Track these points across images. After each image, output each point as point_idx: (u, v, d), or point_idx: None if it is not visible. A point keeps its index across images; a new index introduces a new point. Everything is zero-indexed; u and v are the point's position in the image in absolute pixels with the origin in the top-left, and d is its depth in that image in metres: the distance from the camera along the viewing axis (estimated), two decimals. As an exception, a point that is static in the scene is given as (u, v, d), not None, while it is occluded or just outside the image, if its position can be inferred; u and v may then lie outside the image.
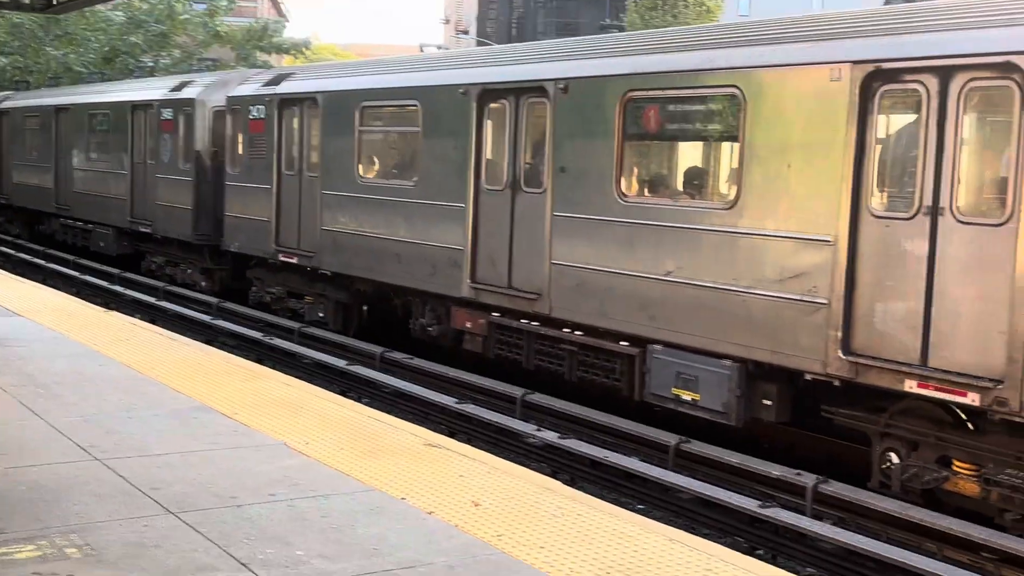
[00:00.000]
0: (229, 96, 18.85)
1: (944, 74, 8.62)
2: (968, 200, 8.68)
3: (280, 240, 17.16)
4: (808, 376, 9.65)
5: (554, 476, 10.19)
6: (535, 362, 12.75)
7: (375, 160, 15.84)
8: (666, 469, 10.54)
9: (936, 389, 8.64)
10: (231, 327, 17.81)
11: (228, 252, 19.21)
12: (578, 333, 12.05)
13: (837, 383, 9.42)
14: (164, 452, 7.96)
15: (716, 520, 9.87)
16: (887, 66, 8.97)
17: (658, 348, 10.99)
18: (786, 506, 9.48)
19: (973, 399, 8.38)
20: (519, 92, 12.72)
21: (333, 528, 6.47)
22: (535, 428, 11.90)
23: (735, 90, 10.21)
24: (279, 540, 6.22)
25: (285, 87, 17.26)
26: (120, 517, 6.49)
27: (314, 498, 7.03)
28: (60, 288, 21.18)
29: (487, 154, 13.33)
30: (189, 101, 20.30)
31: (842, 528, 9.02)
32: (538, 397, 12.66)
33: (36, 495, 6.82)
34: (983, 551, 8.46)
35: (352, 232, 15.48)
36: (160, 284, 21.47)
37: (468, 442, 11.17)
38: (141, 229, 22.12)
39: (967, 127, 8.66)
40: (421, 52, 24.22)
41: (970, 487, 8.80)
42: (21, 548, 5.87)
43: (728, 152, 10.85)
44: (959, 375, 8.47)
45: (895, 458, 9.33)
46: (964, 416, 8.99)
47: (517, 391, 12.82)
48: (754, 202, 10.02)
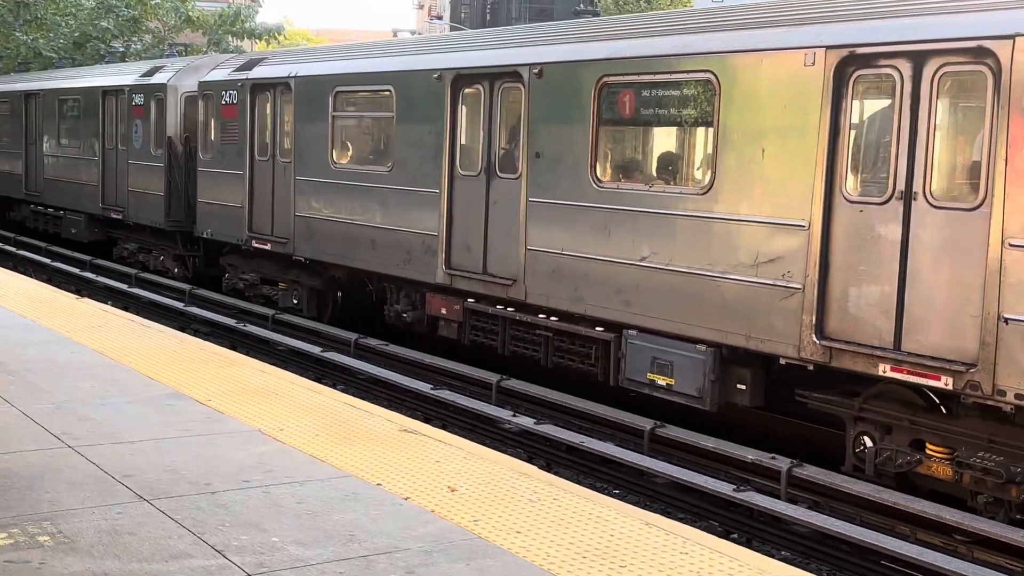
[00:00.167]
0: (201, 81, 18.71)
1: (918, 59, 8.65)
2: (941, 185, 8.72)
3: (253, 226, 17.06)
4: (782, 361, 9.69)
5: (530, 462, 10.19)
6: (510, 348, 12.75)
7: (349, 146, 15.76)
8: (641, 454, 10.58)
9: (909, 373, 8.69)
10: (204, 314, 17.72)
11: (201, 238, 19.10)
12: (553, 319, 12.05)
13: (811, 367, 9.47)
14: (137, 439, 7.91)
15: (691, 504, 9.92)
16: (861, 51, 8.99)
17: (633, 333, 11.00)
18: (761, 490, 9.53)
19: (946, 383, 8.44)
20: (494, 77, 12.68)
21: (308, 514, 6.44)
22: (511, 414, 11.90)
23: (710, 75, 10.21)
24: (254, 526, 6.19)
25: (257, 72, 17.14)
26: (93, 504, 6.44)
27: (289, 484, 7.00)
28: (31, 275, 21.01)
29: (462, 139, 13.29)
30: (161, 86, 20.15)
31: (816, 512, 9.08)
32: (514, 383, 12.66)
33: (8, 483, 6.75)
34: (956, 533, 8.54)
35: (326, 218, 15.41)
36: (132, 271, 21.33)
37: (443, 428, 11.16)
38: (113, 216, 21.94)
39: (940, 112, 8.69)
40: (395, 37, 24.11)
41: (943, 470, 8.87)
42: (-7, 536, 5.82)
43: (703, 137, 10.86)
44: (932, 359, 8.52)
45: (869, 442, 9.39)
46: (937, 400, 9.06)
47: (492, 377, 12.82)
48: (729, 187, 10.04)
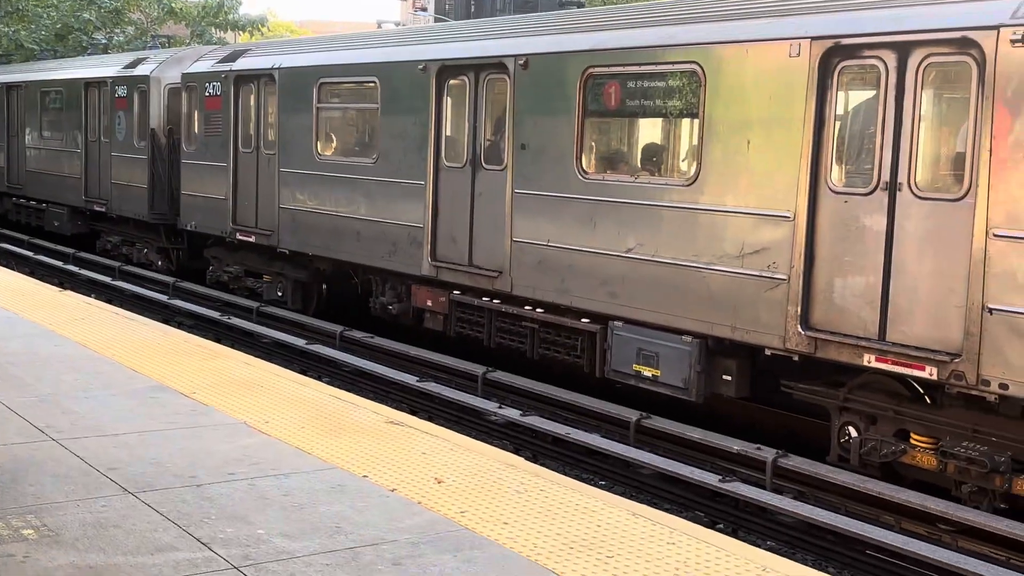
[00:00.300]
0: (184, 73, 18.62)
1: (902, 50, 8.66)
2: (926, 176, 8.74)
3: (237, 219, 17.00)
4: (768, 351, 9.70)
5: (516, 453, 10.20)
6: (496, 340, 12.73)
7: (333, 137, 15.71)
8: (627, 445, 10.59)
9: (894, 363, 8.72)
10: (188, 307, 17.66)
11: (185, 231, 19.02)
12: (539, 310, 12.04)
13: (796, 358, 9.48)
14: (122, 432, 7.87)
15: (677, 495, 9.93)
16: (846, 42, 8.99)
17: (619, 325, 11.00)
18: (746, 480, 9.56)
19: (931, 373, 8.46)
20: (479, 68, 12.65)
21: (295, 506, 6.43)
22: (497, 406, 11.90)
23: (695, 66, 10.20)
24: (240, 519, 6.18)
25: (241, 64, 17.06)
26: (78, 498, 6.41)
27: (275, 477, 6.99)
28: (14, 268, 20.90)
29: (447, 131, 13.26)
30: (144, 78, 20.04)
31: (801, 502, 9.11)
32: (500, 375, 12.65)
33: (-9, 476, 6.73)
34: (940, 523, 8.58)
35: (311, 210, 15.36)
36: (116, 264, 21.23)
37: (430, 420, 11.14)
38: (96, 208, 21.83)
39: (925, 103, 8.70)
40: (379, 29, 24.02)
41: (927, 460, 8.90)
42: (-24, 530, 5.78)
43: (688, 128, 10.85)
44: (917, 349, 8.55)
45: (854, 432, 9.42)
46: (921, 390, 9.08)
47: (478, 369, 12.81)
48: (714, 178, 10.04)
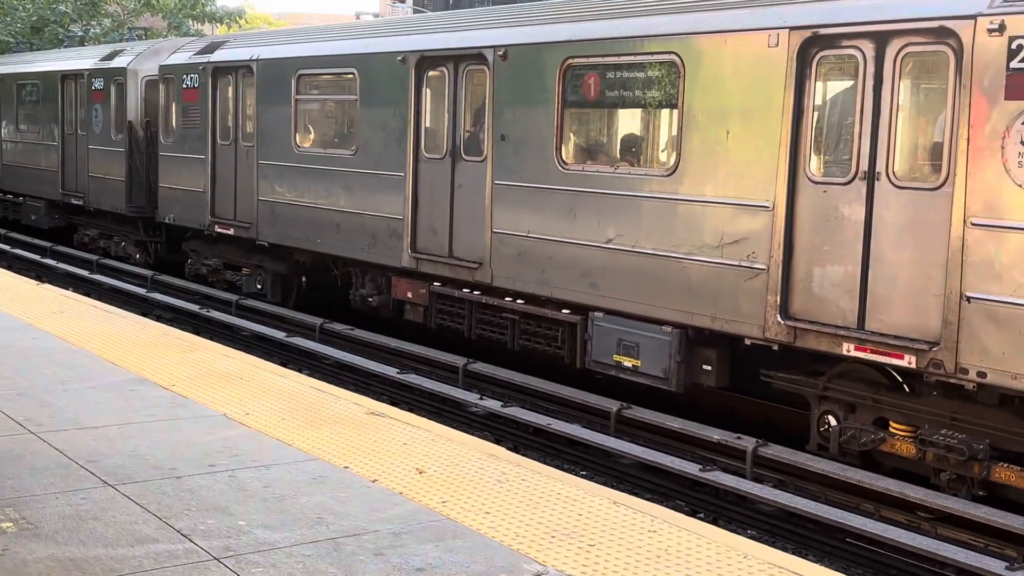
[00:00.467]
0: (162, 65, 18.51)
1: (880, 39, 8.69)
2: (904, 165, 8.78)
3: (216, 211, 16.92)
4: (748, 341, 9.73)
5: (497, 444, 10.20)
6: (477, 331, 12.73)
7: (312, 129, 15.65)
8: (608, 435, 10.61)
9: (873, 352, 8.76)
10: (167, 300, 17.57)
11: (163, 224, 18.93)
12: (520, 302, 12.04)
13: (776, 348, 9.52)
14: (101, 425, 7.84)
15: (658, 484, 9.96)
16: (824, 31, 9.02)
17: (599, 316, 11.02)
18: (727, 469, 9.59)
19: (909, 361, 8.51)
20: (458, 59, 12.63)
21: (275, 498, 6.41)
22: (478, 397, 11.91)
23: (674, 56, 10.21)
24: (220, 511, 6.16)
25: (219, 55, 16.97)
26: (57, 490, 6.38)
27: (255, 468, 6.97)
28: (-10, 262, 20.75)
29: (426, 122, 13.23)
30: (120, 70, 19.91)
31: (781, 490, 9.15)
32: (480, 366, 12.65)
33: (-31, 470, 6.68)
34: (919, 510, 8.63)
35: (290, 202, 15.31)
36: (94, 257, 21.11)
37: (411, 412, 11.13)
38: (73, 201, 21.69)
39: (903, 92, 8.74)
40: (357, 20, 23.93)
41: (906, 448, 8.95)
42: (-46, 523, 5.75)
43: (667, 119, 10.86)
44: (895, 338, 8.59)
45: (833, 421, 9.46)
46: (900, 378, 9.14)
47: (459, 360, 12.81)
48: (693, 169, 10.06)
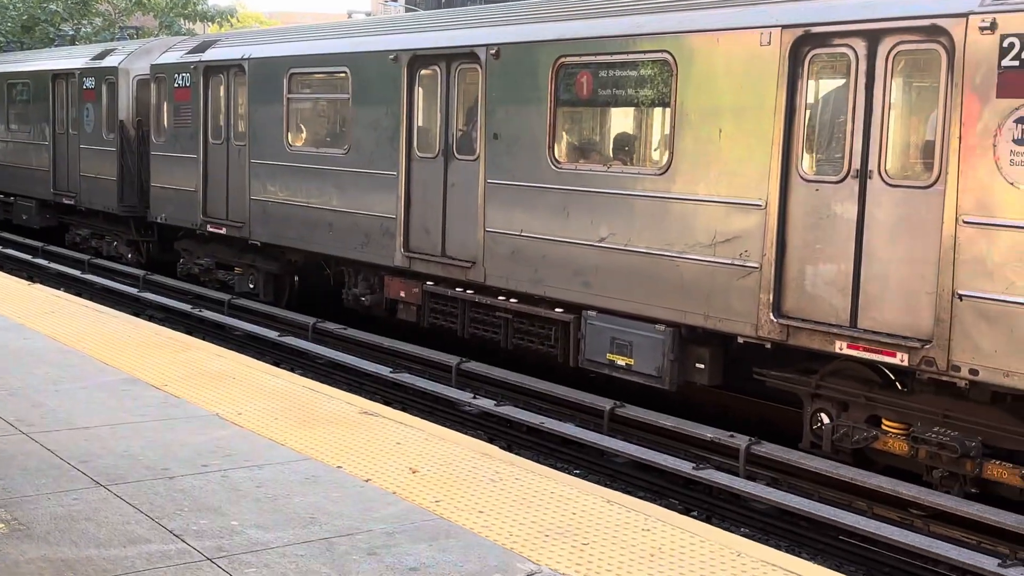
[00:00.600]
0: (153, 64, 18.47)
1: (872, 38, 8.70)
2: (896, 163, 8.79)
3: (208, 211, 16.89)
4: (740, 339, 9.74)
5: (491, 443, 10.20)
6: (470, 330, 12.72)
7: (304, 128, 15.62)
8: (601, 434, 10.61)
9: (865, 350, 8.77)
10: (159, 300, 17.54)
11: (155, 224, 18.88)
12: (513, 301, 12.04)
13: (769, 346, 9.53)
14: (93, 425, 7.81)
15: (651, 483, 9.97)
16: (816, 30, 9.02)
17: (593, 314, 11.02)
18: (720, 468, 9.60)
19: (902, 359, 8.52)
20: (450, 58, 12.62)
21: (268, 498, 6.40)
22: (471, 396, 11.90)
23: (666, 55, 10.21)
24: (213, 511, 6.14)
25: (210, 54, 16.94)
26: (49, 491, 6.36)
27: (248, 468, 6.95)
28: (-19, 262, 20.70)
29: (419, 121, 13.22)
30: (112, 70, 19.86)
31: (775, 488, 9.16)
32: (474, 365, 12.64)
33: (-40, 471, 6.66)
34: (912, 508, 8.64)
35: (282, 202, 15.28)
36: (85, 257, 21.06)
37: (404, 411, 11.12)
38: (65, 201, 21.64)
39: (895, 91, 8.75)
40: (349, 19, 23.91)
41: (899, 445, 8.96)
42: (-54, 524, 5.73)
43: (660, 118, 10.87)
44: (888, 336, 8.60)
45: (826, 418, 9.47)
46: (893, 376, 9.15)
47: (452, 359, 12.80)
48: (686, 167, 10.06)
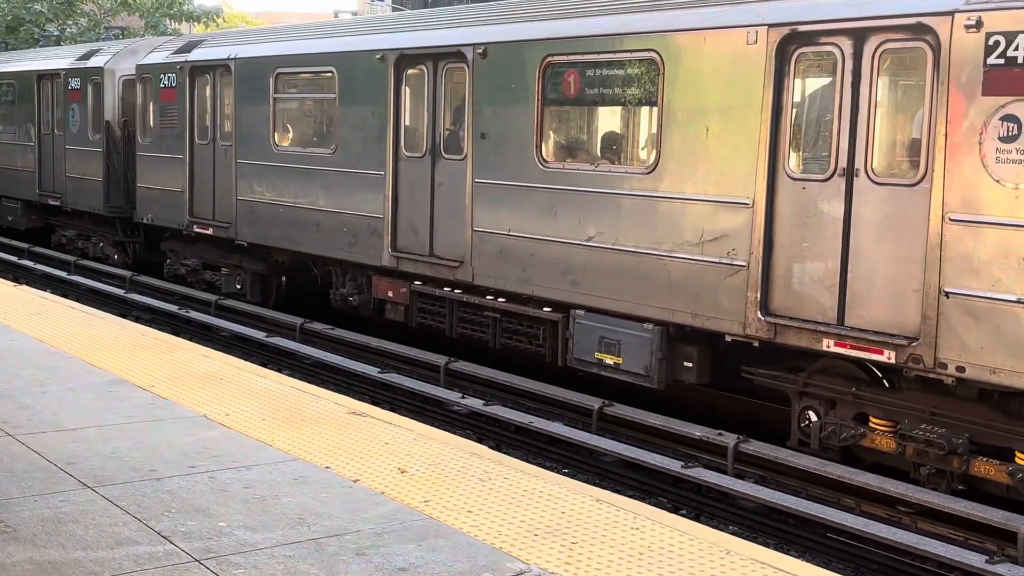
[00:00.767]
0: (139, 64, 18.41)
1: (858, 36, 8.72)
2: (882, 161, 8.81)
3: (194, 211, 16.84)
4: (728, 338, 9.75)
5: (479, 443, 10.19)
6: (458, 330, 12.71)
7: (291, 128, 15.59)
8: (590, 433, 10.61)
9: (853, 348, 8.79)
10: (146, 300, 17.49)
11: (141, 224, 18.82)
12: (501, 300, 12.03)
13: (756, 344, 9.54)
14: (80, 427, 7.78)
15: (640, 481, 9.97)
16: (803, 28, 9.04)
17: (581, 313, 11.02)
18: (708, 466, 9.60)
19: (889, 357, 8.55)
20: (437, 57, 12.60)
21: (256, 499, 6.38)
22: (459, 396, 11.88)
23: (653, 54, 10.22)
24: (201, 512, 6.12)
25: (196, 54, 16.89)
26: (35, 493, 6.33)
27: (236, 469, 6.93)
28: (-34, 264, 20.59)
29: (406, 121, 13.21)
30: (97, 70, 19.79)
31: (763, 486, 9.17)
32: (462, 365, 12.63)
33: (-54, 473, 6.62)
34: (900, 505, 8.67)
35: (269, 202, 15.25)
36: (71, 258, 20.98)
37: (392, 412, 11.11)
38: (50, 202, 21.55)
39: (881, 89, 8.77)
40: (336, 18, 23.87)
41: (886, 443, 8.99)
42: (-69, 527, 5.69)
43: (647, 116, 10.88)
44: (875, 333, 8.63)
45: (813, 416, 9.50)
46: (880, 373, 9.17)
47: (440, 359, 12.78)
48: (673, 166, 10.07)
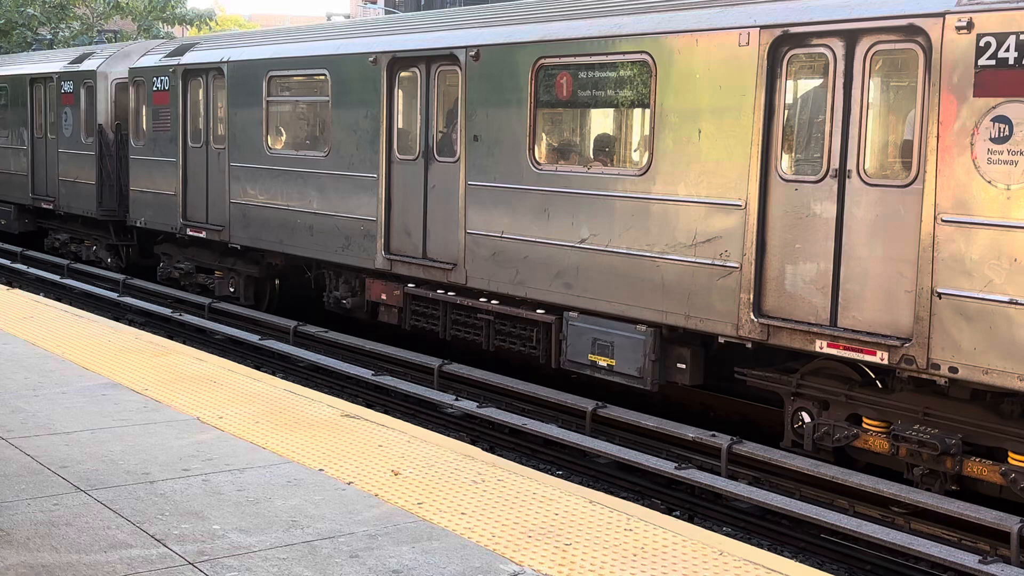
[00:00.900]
0: (132, 68, 18.40)
1: (850, 38, 8.74)
2: (874, 163, 8.84)
3: (187, 214, 16.83)
4: (721, 339, 9.76)
5: (473, 445, 10.19)
6: (452, 332, 12.72)
7: (284, 131, 15.59)
8: (584, 434, 10.62)
9: (845, 349, 8.81)
10: (139, 304, 17.47)
11: (134, 227, 18.81)
12: (494, 302, 12.04)
13: (749, 345, 9.56)
14: (73, 430, 7.77)
15: (634, 483, 9.98)
16: (794, 30, 9.06)
17: (574, 315, 11.03)
18: (702, 467, 9.62)
19: (882, 357, 8.56)
20: (430, 60, 12.61)
21: (250, 501, 6.38)
22: (453, 398, 11.89)
23: (645, 56, 10.24)
24: (194, 515, 6.12)
25: (189, 57, 16.88)
26: (28, 496, 6.32)
27: (229, 472, 6.93)
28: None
29: (399, 123, 13.21)
30: (90, 73, 19.78)
31: (756, 487, 9.18)
32: (456, 367, 12.63)
33: (-61, 477, 6.61)
34: (893, 505, 8.68)
35: (262, 205, 15.24)
36: (64, 262, 20.95)
37: (386, 414, 11.11)
38: (43, 206, 21.53)
39: (873, 90, 8.80)
40: (328, 21, 23.88)
41: (880, 444, 9.01)
42: (-76, 531, 5.69)
43: (640, 118, 10.89)
44: (868, 334, 8.64)
45: (807, 417, 9.51)
46: (873, 374, 9.19)
47: (434, 361, 12.79)
48: (666, 168, 10.08)
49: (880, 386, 9.17)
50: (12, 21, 37.29)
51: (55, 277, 20.11)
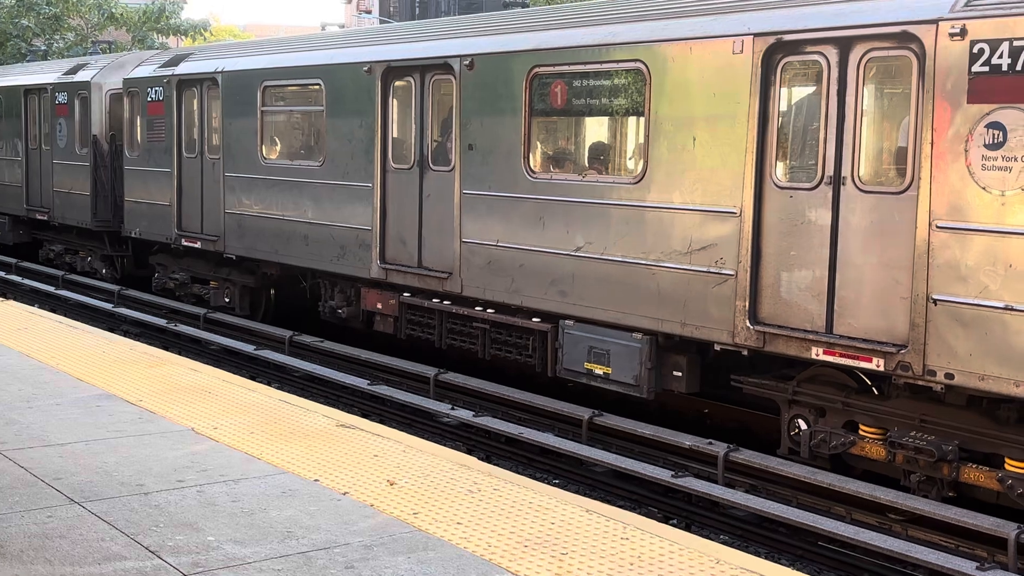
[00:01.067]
0: (126, 78, 18.39)
1: (843, 45, 8.75)
2: (869, 169, 8.84)
3: (182, 224, 16.81)
4: (717, 347, 9.76)
5: (469, 454, 10.18)
6: (447, 341, 12.70)
7: (279, 141, 15.59)
8: (580, 443, 10.60)
9: (841, 355, 8.80)
10: (134, 315, 17.44)
11: (129, 238, 18.78)
12: (490, 311, 12.02)
13: (745, 353, 9.55)
14: (67, 441, 7.75)
15: (630, 491, 9.96)
16: (788, 38, 9.07)
17: (570, 324, 11.02)
18: (699, 475, 9.60)
19: (878, 364, 8.56)
20: (424, 69, 12.61)
21: (244, 512, 6.36)
22: (449, 407, 11.86)
23: (639, 64, 10.24)
24: (189, 526, 6.10)
25: (184, 68, 16.88)
26: (22, 508, 6.30)
27: (224, 483, 6.91)
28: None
29: (394, 133, 13.21)
30: (85, 84, 19.77)
31: (753, 495, 9.17)
32: (451, 376, 12.61)
33: (-68, 490, 6.58)
34: (890, 512, 8.67)
35: (257, 215, 15.23)
36: (59, 273, 20.92)
37: (382, 424, 11.08)
38: (38, 217, 21.50)
39: (867, 97, 8.79)
40: (323, 31, 23.90)
41: (876, 450, 8.99)
42: (-83, 544, 5.66)
43: (634, 126, 10.89)
44: (864, 341, 8.63)
45: (803, 425, 9.50)
46: (869, 381, 9.18)
47: (430, 371, 12.76)
48: (661, 176, 10.08)
49: (876, 393, 9.16)
50: (6, 32, 37.33)
51: (50, 288, 20.07)
